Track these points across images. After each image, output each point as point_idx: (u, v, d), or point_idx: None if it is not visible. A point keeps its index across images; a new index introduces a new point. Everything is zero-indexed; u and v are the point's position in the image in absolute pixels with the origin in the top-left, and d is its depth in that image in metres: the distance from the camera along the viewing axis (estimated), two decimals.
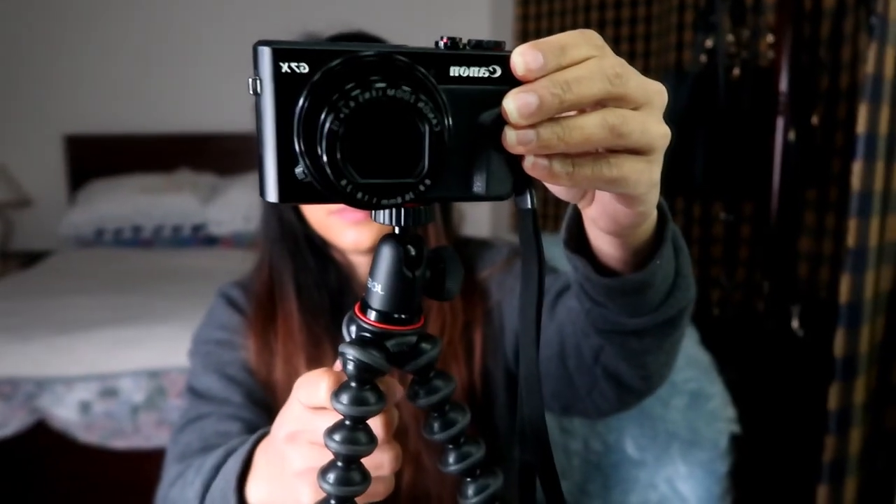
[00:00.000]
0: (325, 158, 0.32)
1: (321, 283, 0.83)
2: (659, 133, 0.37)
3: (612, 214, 0.43)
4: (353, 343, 0.40)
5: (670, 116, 0.38)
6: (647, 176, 0.38)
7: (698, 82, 1.60)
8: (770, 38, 1.68)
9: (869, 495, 1.30)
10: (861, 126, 1.08)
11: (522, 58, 0.34)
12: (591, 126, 0.35)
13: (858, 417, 1.20)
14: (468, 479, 0.44)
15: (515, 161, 0.37)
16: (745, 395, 1.23)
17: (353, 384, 0.40)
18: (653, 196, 0.41)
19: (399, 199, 0.34)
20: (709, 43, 1.70)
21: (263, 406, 0.79)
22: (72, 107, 3.17)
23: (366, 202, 0.34)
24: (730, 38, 1.71)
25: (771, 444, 1.46)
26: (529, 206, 0.39)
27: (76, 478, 1.91)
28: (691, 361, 1.14)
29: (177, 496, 0.64)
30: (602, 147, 0.36)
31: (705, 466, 1.09)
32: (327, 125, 0.32)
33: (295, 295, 0.82)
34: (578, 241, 0.52)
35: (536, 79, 0.34)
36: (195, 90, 3.18)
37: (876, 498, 1.31)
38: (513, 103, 0.33)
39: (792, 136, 1.36)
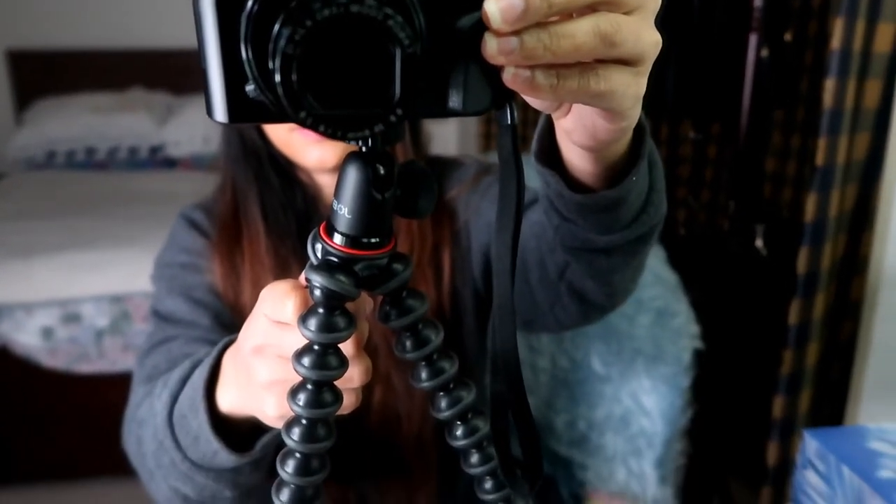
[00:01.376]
0: (280, 89, 0.28)
1: (287, 204, 0.80)
2: (651, 41, 0.34)
3: (591, 128, 0.40)
4: (319, 268, 0.37)
5: None
6: (634, 89, 0.35)
7: None
8: None
9: (822, 406, 1.36)
10: (836, 42, 1.06)
11: None
12: (581, 34, 0.31)
13: (816, 332, 1.24)
14: (441, 393, 0.43)
15: (495, 72, 0.33)
16: (709, 313, 1.26)
17: (320, 310, 0.38)
18: (636, 110, 0.38)
19: (367, 132, 0.31)
20: None
21: (231, 329, 0.77)
22: (14, 20, 2.98)
23: (329, 134, 0.30)
24: None
25: (732, 360, 1.52)
26: (509, 122, 0.36)
27: (42, 403, 1.90)
28: (658, 279, 1.15)
29: (145, 413, 0.63)
30: (591, 57, 0.33)
31: (668, 381, 1.12)
32: (281, 45, 0.28)
33: (261, 216, 0.79)
34: (550, 154, 0.49)
35: None
36: (147, 2, 3.00)
37: (829, 408, 1.38)
38: (495, 5, 0.29)
39: (765, 53, 1.34)
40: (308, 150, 0.73)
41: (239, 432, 0.54)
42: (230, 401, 0.52)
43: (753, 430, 1.54)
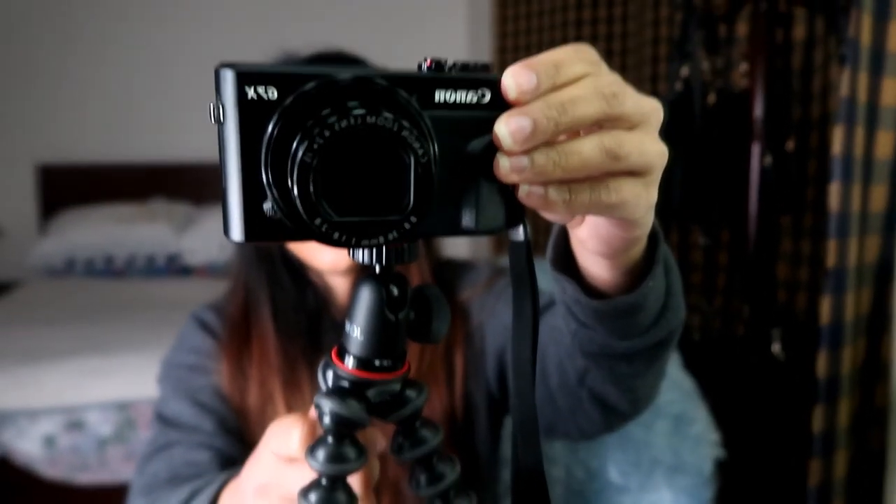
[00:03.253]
0: (296, 193, 0.29)
1: (298, 305, 0.80)
2: (657, 152, 0.36)
3: (605, 237, 0.41)
4: (329, 393, 0.36)
5: None
6: (645, 198, 0.36)
7: (674, 109, 1.62)
8: (744, 68, 1.71)
9: None
10: (836, 147, 1.09)
11: (514, 79, 0.31)
12: (587, 150, 0.32)
13: (843, 439, 1.19)
14: (438, 501, 0.41)
15: (507, 191, 0.34)
16: (728, 420, 1.22)
17: (329, 439, 0.36)
18: (648, 218, 0.39)
19: (381, 239, 0.31)
20: (684, 71, 1.73)
21: (236, 434, 0.76)
22: (44, 136, 3.13)
23: (343, 242, 0.30)
24: (705, 65, 1.74)
25: (756, 469, 1.45)
26: (522, 238, 0.37)
27: None
28: (674, 385, 1.12)
29: None
30: (599, 171, 0.34)
31: (690, 492, 1.07)
32: (299, 155, 0.29)
33: (271, 317, 0.79)
34: (565, 261, 0.50)
35: (529, 101, 0.31)
36: (169, 118, 3.15)
37: None
38: (505, 128, 0.31)
39: (768, 160, 1.38)
40: (321, 252, 0.74)
41: None
42: None
43: None
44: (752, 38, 1.57)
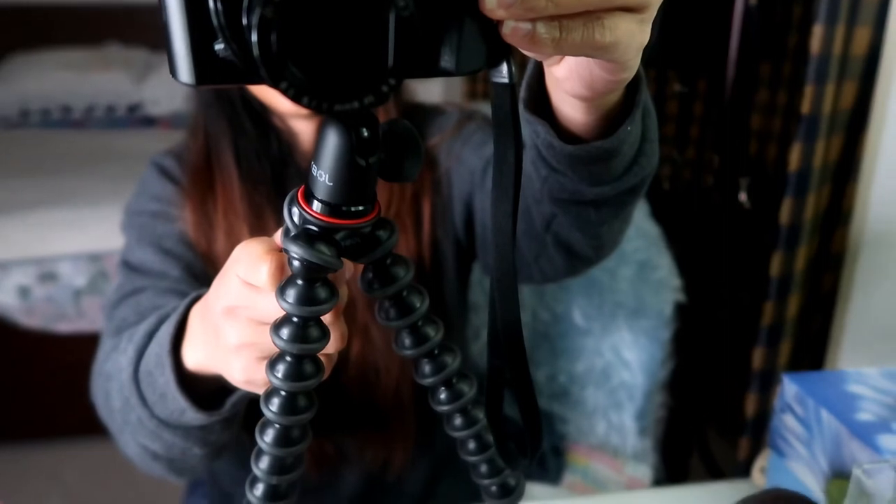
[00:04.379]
0: (258, 54, 0.25)
1: (261, 150, 0.78)
2: None
3: (587, 79, 0.38)
4: (297, 238, 0.34)
5: None
6: (638, 38, 0.33)
7: None
8: None
9: (802, 357, 1.37)
10: None
11: None
12: None
13: (798, 283, 1.24)
14: (425, 360, 0.41)
15: (491, 27, 0.30)
16: (692, 267, 1.26)
17: (299, 281, 0.35)
18: (637, 61, 0.36)
19: (357, 104, 0.28)
20: None
21: (203, 279, 0.76)
22: None
23: (315, 107, 0.27)
24: None
25: (713, 312, 1.52)
26: (507, 80, 0.33)
27: (21, 364, 1.88)
28: (640, 232, 1.14)
29: (111, 367, 0.61)
30: (594, 7, 0.30)
31: (649, 334, 1.12)
32: (257, 9, 0.25)
33: (234, 163, 0.77)
34: (539, 102, 0.47)
35: None
36: None
37: (809, 360, 1.39)
38: None
39: (753, 2, 1.32)
40: None
41: (207, 389, 0.52)
42: (196, 359, 0.50)
43: (733, 382, 1.55)
44: None
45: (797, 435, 0.63)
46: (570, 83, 0.39)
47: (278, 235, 0.38)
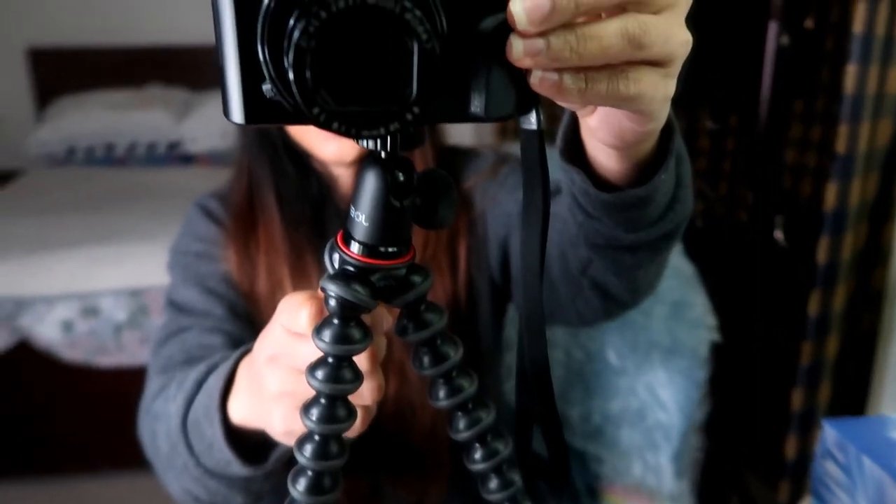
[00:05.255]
0: (293, 82, 0.27)
1: (302, 193, 0.80)
2: (681, 41, 0.33)
3: (617, 129, 0.39)
4: (334, 277, 0.36)
5: None
6: (663, 91, 0.34)
7: None
8: None
9: (842, 398, 1.34)
10: (858, 25, 1.04)
11: None
12: (609, 35, 0.30)
13: (836, 323, 1.22)
14: (459, 413, 0.42)
15: (520, 75, 0.32)
16: (727, 305, 1.25)
17: (335, 320, 0.37)
18: (664, 111, 0.37)
19: (382, 130, 0.29)
20: None
21: (246, 318, 0.78)
22: (34, 17, 3.01)
23: (343, 132, 0.29)
24: None
25: (750, 352, 1.50)
26: (535, 126, 0.35)
27: (63, 395, 1.93)
28: (674, 271, 1.14)
29: (159, 409, 0.63)
30: (619, 60, 0.31)
31: (685, 373, 1.11)
32: (295, 37, 0.27)
33: (276, 204, 0.79)
34: (575, 150, 0.48)
35: None
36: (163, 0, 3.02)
37: (849, 401, 1.35)
38: (520, 5, 0.28)
39: (785, 41, 1.32)
40: (325, 143, 0.73)
41: (253, 441, 0.54)
42: (241, 411, 0.51)
43: (772, 423, 1.52)
44: None
45: (839, 482, 0.61)
46: (602, 133, 0.41)
47: (320, 290, 0.40)
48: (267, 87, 0.30)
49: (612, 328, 1.13)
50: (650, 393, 1.12)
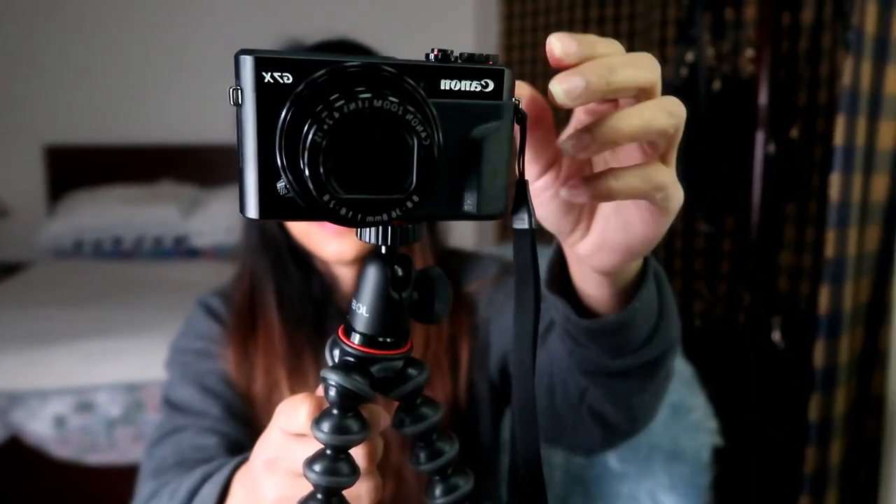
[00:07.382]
0: (307, 172, 0.31)
1: (304, 293, 0.82)
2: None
3: (623, 242, 0.43)
4: (335, 368, 0.38)
5: None
6: (676, 189, 0.40)
7: (679, 94, 1.60)
8: (750, 53, 1.70)
9: None
10: (838, 138, 1.09)
11: (560, 42, 0.34)
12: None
13: (839, 428, 1.20)
14: (437, 478, 0.43)
15: (507, 178, 0.36)
16: (726, 408, 1.23)
17: (335, 411, 0.38)
18: (677, 204, 0.41)
19: (385, 217, 0.33)
20: (689, 56, 1.72)
21: (243, 419, 0.77)
22: (52, 116, 3.14)
23: (350, 219, 0.32)
24: (710, 51, 1.73)
25: (753, 457, 1.47)
26: (528, 226, 0.38)
27: (51, 494, 1.87)
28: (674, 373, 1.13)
29: None
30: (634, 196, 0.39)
31: (687, 479, 1.09)
32: (310, 137, 0.31)
33: (276, 305, 0.81)
34: (560, 282, 0.51)
35: (574, 65, 0.34)
36: (176, 100, 3.16)
37: None
38: (560, 86, 0.34)
39: (772, 148, 1.38)
40: (327, 242, 0.75)
41: None
42: None
43: None
44: (759, 21, 1.55)
45: None
46: (598, 256, 0.44)
47: (318, 390, 0.41)
48: (281, 184, 0.33)
49: None
50: (652, 499, 1.09)
